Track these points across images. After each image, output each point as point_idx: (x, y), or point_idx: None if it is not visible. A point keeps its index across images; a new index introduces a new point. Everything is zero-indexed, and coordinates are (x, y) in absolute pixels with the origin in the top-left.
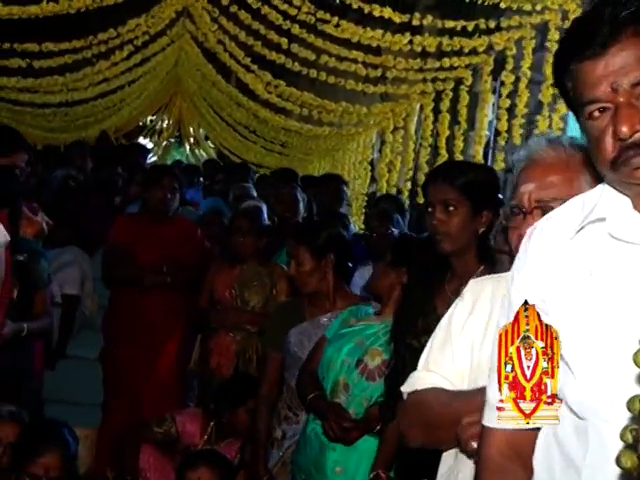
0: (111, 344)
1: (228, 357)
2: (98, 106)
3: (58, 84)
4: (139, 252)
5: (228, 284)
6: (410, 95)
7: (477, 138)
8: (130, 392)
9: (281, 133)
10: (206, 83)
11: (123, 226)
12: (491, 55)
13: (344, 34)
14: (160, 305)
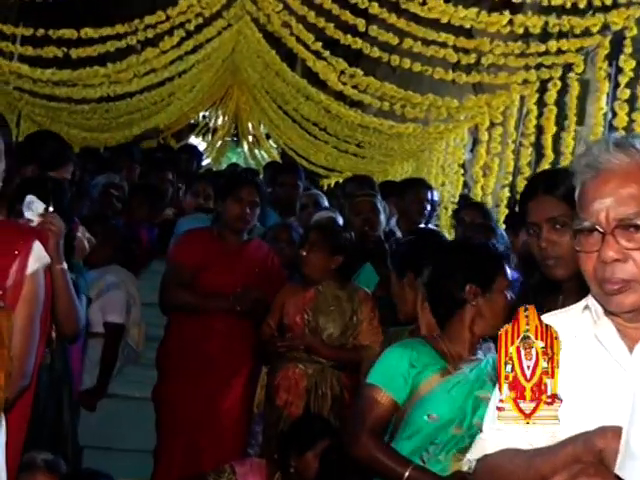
0: (166, 381)
1: (297, 394)
2: (144, 101)
3: (98, 76)
4: (206, 276)
5: (300, 308)
6: (509, 85)
7: (589, 135)
8: (187, 437)
9: (357, 131)
10: (268, 73)
11: (188, 244)
12: (607, 36)
13: (431, 13)
14: (225, 337)
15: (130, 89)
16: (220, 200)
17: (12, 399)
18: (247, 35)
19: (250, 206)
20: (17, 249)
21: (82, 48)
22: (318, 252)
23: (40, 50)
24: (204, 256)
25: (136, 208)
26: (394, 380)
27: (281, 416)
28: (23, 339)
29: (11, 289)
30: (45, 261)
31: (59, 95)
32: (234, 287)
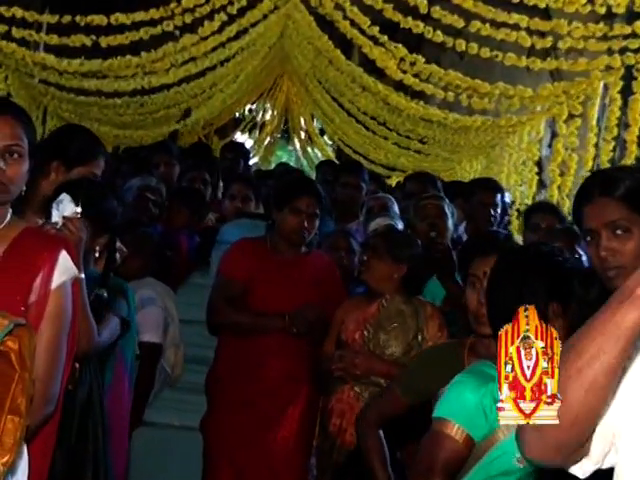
0: (217, 409)
1: (352, 419)
2: (182, 94)
3: (131, 66)
4: (259, 292)
5: (361, 324)
6: (590, 72)
7: None
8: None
9: (419, 125)
10: (321, 61)
11: (239, 256)
12: None
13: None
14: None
15: (167, 80)
16: (276, 209)
17: (35, 427)
18: (296, 19)
19: (309, 219)
20: (41, 261)
21: (113, 36)
22: (380, 259)
23: (67, 39)
24: (257, 270)
25: (175, 214)
26: (471, 414)
27: (334, 444)
28: (47, 360)
29: (34, 305)
30: (72, 273)
31: (88, 88)
32: (290, 304)
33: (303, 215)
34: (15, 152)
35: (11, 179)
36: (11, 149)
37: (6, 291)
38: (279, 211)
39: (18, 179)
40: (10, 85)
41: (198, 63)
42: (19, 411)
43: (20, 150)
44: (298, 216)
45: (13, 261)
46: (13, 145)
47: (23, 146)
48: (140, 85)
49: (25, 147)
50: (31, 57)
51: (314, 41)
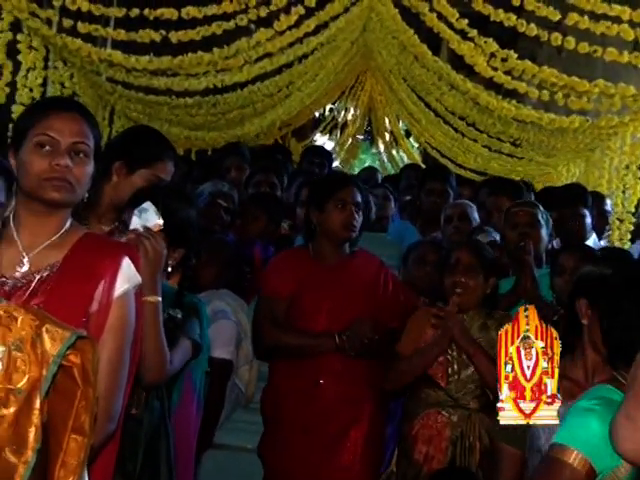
0: (273, 433)
1: (440, 446)
2: (257, 93)
3: (203, 63)
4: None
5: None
6: None
7: None
8: None
9: (512, 126)
10: (406, 57)
11: (280, 271)
12: None
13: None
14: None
15: (240, 78)
16: (317, 211)
17: (97, 447)
18: (380, 11)
19: (355, 209)
20: (102, 269)
21: (183, 31)
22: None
23: (135, 34)
24: (301, 281)
25: (250, 221)
26: (596, 443)
27: (420, 473)
28: (109, 375)
29: (96, 315)
30: (135, 281)
31: (157, 87)
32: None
33: (349, 206)
34: (81, 151)
35: (77, 179)
36: (77, 147)
37: (66, 300)
38: (321, 211)
39: (83, 180)
40: (76, 84)
41: (274, 60)
42: (83, 430)
43: (86, 149)
44: (344, 208)
45: (73, 268)
46: (79, 143)
47: (89, 145)
48: (212, 83)
49: (91, 147)
50: (97, 54)
51: (399, 35)
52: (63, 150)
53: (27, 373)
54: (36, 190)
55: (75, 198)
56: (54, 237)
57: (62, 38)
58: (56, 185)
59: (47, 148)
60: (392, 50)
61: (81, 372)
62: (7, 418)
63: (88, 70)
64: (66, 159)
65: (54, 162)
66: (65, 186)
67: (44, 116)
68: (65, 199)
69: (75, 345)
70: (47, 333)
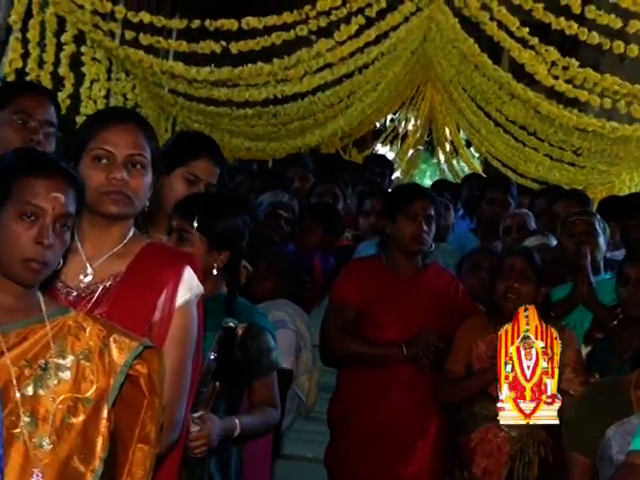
0: (340, 442)
1: (500, 460)
2: (318, 103)
3: (263, 74)
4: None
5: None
6: None
7: None
8: None
9: (573, 135)
10: (466, 66)
11: (351, 279)
12: None
13: None
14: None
15: (301, 89)
16: (389, 221)
17: (161, 456)
18: (440, 21)
19: (426, 222)
20: (165, 278)
21: (244, 41)
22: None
23: (195, 45)
24: (372, 291)
25: (307, 232)
26: None
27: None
28: (172, 384)
29: (158, 324)
30: (197, 291)
31: (218, 98)
32: (409, 326)
33: (420, 218)
34: (138, 162)
35: (135, 191)
36: (134, 159)
37: (129, 310)
38: (393, 222)
39: (141, 191)
40: (138, 95)
41: (334, 70)
42: (149, 439)
43: (143, 161)
44: (415, 220)
45: (136, 278)
46: (136, 155)
47: (146, 156)
48: (273, 94)
49: (148, 158)
50: (159, 65)
51: (458, 45)
52: (119, 163)
53: (95, 383)
54: (95, 204)
55: (134, 210)
56: (117, 247)
57: (124, 50)
58: (114, 199)
59: (104, 161)
60: (452, 60)
61: (147, 382)
62: (75, 427)
63: (150, 82)
64: (122, 172)
65: (111, 175)
66: (123, 199)
67: (100, 129)
68: (123, 212)
69: (142, 355)
70: (114, 343)
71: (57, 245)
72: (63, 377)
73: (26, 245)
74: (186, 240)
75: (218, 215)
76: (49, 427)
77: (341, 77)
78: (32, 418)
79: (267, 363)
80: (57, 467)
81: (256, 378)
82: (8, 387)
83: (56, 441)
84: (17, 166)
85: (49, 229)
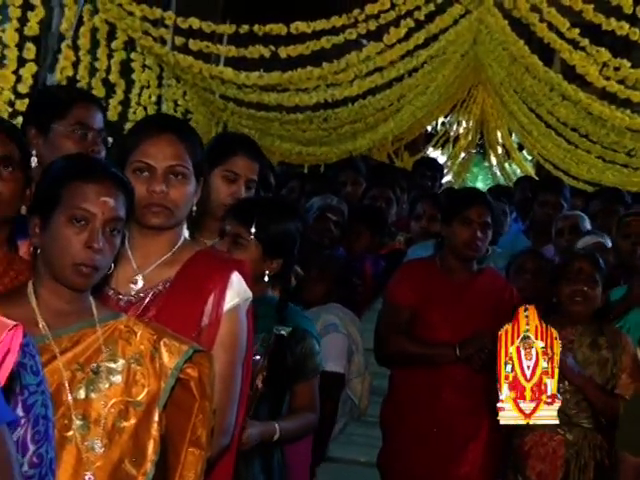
0: (393, 444)
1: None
2: (368, 107)
3: (313, 78)
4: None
5: None
6: None
7: None
8: None
9: (626, 136)
10: (516, 68)
11: (406, 281)
12: None
13: None
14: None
15: (351, 93)
16: (444, 224)
17: (212, 460)
18: (489, 23)
19: (481, 229)
20: (212, 283)
21: (293, 46)
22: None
23: (244, 50)
24: (426, 293)
25: (355, 236)
26: None
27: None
28: (222, 388)
29: (207, 329)
30: (246, 296)
31: (268, 102)
32: (462, 329)
33: (474, 225)
34: (179, 173)
35: (175, 202)
36: (174, 170)
37: (177, 315)
38: (448, 225)
39: (182, 201)
40: (189, 101)
41: (384, 74)
42: (200, 443)
43: (183, 171)
44: (469, 227)
45: (184, 284)
46: (176, 165)
47: (187, 166)
48: (323, 98)
49: (190, 167)
50: (208, 70)
51: (509, 47)
52: (159, 175)
53: (146, 386)
54: (138, 215)
55: (175, 220)
56: (166, 255)
57: (174, 56)
58: (154, 211)
59: (144, 174)
60: (502, 62)
61: (198, 385)
62: (127, 430)
63: (200, 87)
64: (162, 185)
65: (150, 188)
66: (163, 211)
67: (140, 141)
68: (164, 224)
69: (192, 358)
70: (165, 347)
71: (107, 249)
72: (114, 381)
73: (76, 249)
74: (240, 245)
75: (275, 222)
76: (101, 430)
77: (391, 80)
78: (84, 421)
79: (311, 367)
80: (109, 470)
81: (299, 382)
82: (60, 390)
83: (108, 444)
84: (67, 172)
85: (99, 233)
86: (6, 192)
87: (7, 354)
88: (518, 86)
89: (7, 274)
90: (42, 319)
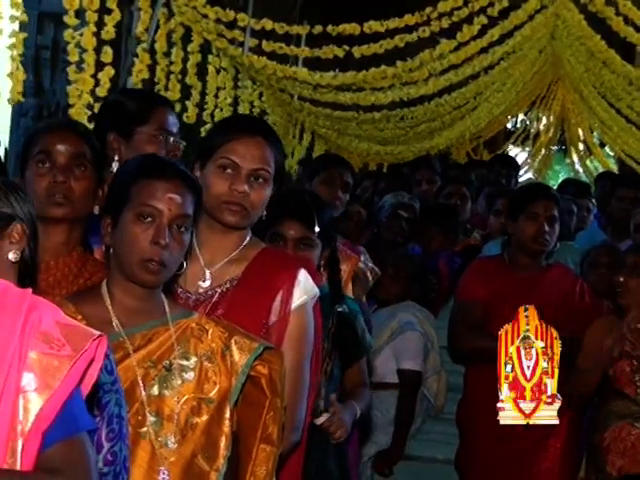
0: (470, 442)
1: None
2: (444, 105)
3: (387, 77)
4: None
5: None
6: None
7: None
8: None
9: None
10: (594, 63)
11: (476, 277)
12: None
13: None
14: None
15: (427, 91)
16: (511, 221)
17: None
18: (566, 18)
19: (548, 222)
20: (280, 281)
21: (366, 45)
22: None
23: (318, 51)
24: (497, 290)
25: (427, 234)
26: None
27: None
28: (292, 384)
29: (275, 326)
30: (313, 293)
31: (344, 102)
32: None
33: (541, 219)
34: (261, 177)
35: (253, 204)
36: (258, 173)
37: (245, 312)
38: (514, 221)
39: (259, 204)
40: (265, 102)
41: (459, 71)
42: (271, 440)
43: (265, 175)
44: (536, 221)
45: (252, 282)
46: (260, 169)
47: (269, 171)
48: (398, 97)
49: (271, 172)
50: (282, 71)
51: (586, 42)
52: (243, 175)
53: (218, 383)
54: (215, 211)
55: (250, 221)
56: (234, 253)
57: (248, 57)
58: (233, 209)
59: (228, 171)
60: (580, 57)
61: (269, 382)
62: (199, 426)
63: (276, 88)
64: (244, 185)
65: (233, 187)
66: (241, 211)
67: (229, 139)
68: (240, 223)
69: (262, 356)
70: (236, 344)
71: (174, 246)
72: (187, 378)
73: (143, 246)
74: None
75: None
76: (174, 426)
77: (467, 78)
78: (157, 417)
79: (363, 346)
80: (182, 465)
81: (354, 360)
82: (134, 387)
83: (181, 440)
84: (136, 171)
85: (165, 230)
86: (79, 190)
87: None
88: (597, 81)
89: (82, 275)
90: (116, 317)
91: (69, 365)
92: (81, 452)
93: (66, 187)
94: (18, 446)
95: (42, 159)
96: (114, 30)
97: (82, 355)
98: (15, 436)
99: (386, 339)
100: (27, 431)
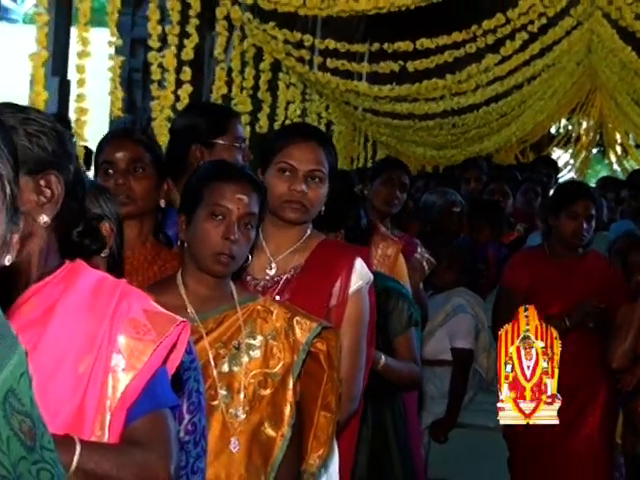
0: None
1: None
2: (492, 112)
3: (439, 88)
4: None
5: None
6: None
7: None
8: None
9: None
10: (627, 73)
11: (518, 266)
12: None
13: None
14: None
15: (475, 100)
16: (552, 215)
17: (342, 423)
18: (600, 33)
19: (587, 220)
20: (339, 268)
21: (419, 60)
22: None
23: (376, 66)
24: (538, 277)
25: (476, 228)
26: None
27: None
28: (350, 360)
29: (335, 309)
30: (368, 279)
31: (401, 112)
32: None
33: (580, 218)
34: (316, 177)
35: (311, 201)
36: (313, 174)
37: (308, 297)
38: (556, 217)
39: (316, 202)
40: (331, 114)
41: (504, 82)
42: (330, 408)
43: (321, 175)
44: (575, 220)
45: (314, 268)
46: (316, 170)
47: (324, 171)
48: (450, 106)
49: (326, 172)
50: (345, 85)
51: (618, 53)
52: (301, 176)
53: (282, 359)
54: (277, 209)
55: (309, 217)
56: (296, 244)
57: (314, 74)
58: (293, 207)
59: (287, 174)
60: (614, 68)
61: (326, 357)
62: (266, 398)
63: (340, 101)
64: (302, 185)
65: (292, 187)
66: (300, 208)
67: (286, 144)
68: (300, 219)
69: (321, 334)
70: (297, 324)
71: (242, 240)
72: (254, 355)
73: (215, 241)
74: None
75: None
76: (243, 399)
77: (511, 88)
78: (228, 391)
79: (406, 319)
80: (251, 433)
81: (397, 335)
82: (207, 366)
83: (249, 411)
84: (209, 174)
85: (234, 226)
86: (139, 190)
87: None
88: (630, 89)
89: (155, 263)
90: (190, 305)
91: (152, 348)
92: (162, 425)
93: (127, 188)
94: (106, 420)
95: (106, 168)
96: (193, 51)
97: (165, 339)
98: (104, 411)
99: (441, 321)
100: (114, 407)
